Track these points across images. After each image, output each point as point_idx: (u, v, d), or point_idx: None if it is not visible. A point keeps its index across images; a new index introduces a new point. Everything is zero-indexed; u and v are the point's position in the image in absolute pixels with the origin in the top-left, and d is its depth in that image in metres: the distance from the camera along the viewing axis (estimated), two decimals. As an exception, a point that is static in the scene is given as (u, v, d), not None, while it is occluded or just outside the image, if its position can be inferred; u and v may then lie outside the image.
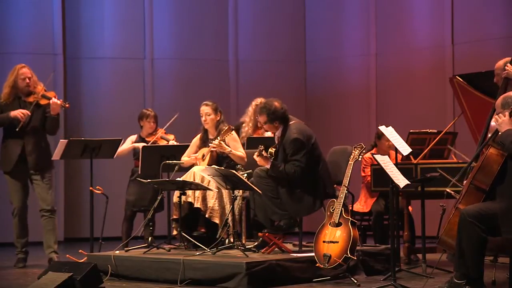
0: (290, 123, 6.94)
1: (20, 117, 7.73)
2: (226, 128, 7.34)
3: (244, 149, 7.61)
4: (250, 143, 7.95)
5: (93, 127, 11.06)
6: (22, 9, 10.76)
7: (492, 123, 5.55)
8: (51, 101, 7.78)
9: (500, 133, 5.34)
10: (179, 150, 7.93)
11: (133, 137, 8.69)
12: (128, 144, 8.62)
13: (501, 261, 6.40)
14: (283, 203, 6.82)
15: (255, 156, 6.88)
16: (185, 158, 7.63)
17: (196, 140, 7.69)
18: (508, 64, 6.77)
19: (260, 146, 6.92)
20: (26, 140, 7.81)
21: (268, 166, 6.83)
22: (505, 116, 5.32)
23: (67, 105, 7.91)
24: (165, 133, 8.69)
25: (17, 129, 7.74)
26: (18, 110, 7.76)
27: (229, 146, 7.35)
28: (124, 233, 8.44)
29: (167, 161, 7.73)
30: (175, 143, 8.45)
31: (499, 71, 6.90)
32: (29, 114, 7.76)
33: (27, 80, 7.84)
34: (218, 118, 7.57)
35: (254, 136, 8.30)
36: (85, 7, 11.24)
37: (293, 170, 6.74)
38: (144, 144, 8.41)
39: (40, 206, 7.90)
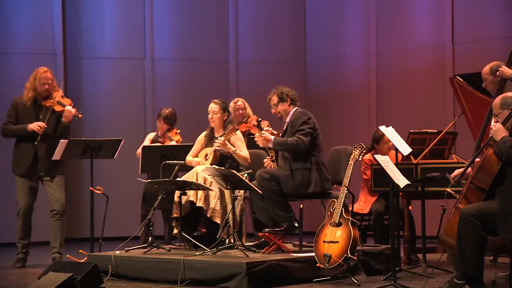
0: (300, 110, 7.06)
1: (37, 130, 7.76)
2: (231, 127, 7.32)
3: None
4: (250, 143, 7.95)
5: (93, 127, 11.05)
6: (22, 9, 10.75)
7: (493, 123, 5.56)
8: (65, 108, 7.81)
9: (495, 142, 5.36)
10: (180, 150, 7.93)
11: (152, 135, 8.73)
12: (146, 142, 8.65)
13: (501, 261, 6.41)
14: (287, 199, 6.84)
15: (256, 136, 6.95)
16: (189, 158, 7.59)
17: (201, 138, 7.65)
18: (502, 66, 6.82)
19: (257, 119, 7.00)
20: (38, 145, 7.82)
21: (270, 144, 6.90)
22: (497, 125, 5.35)
23: (80, 115, 7.90)
24: (175, 133, 8.69)
25: (35, 143, 7.79)
26: (35, 123, 7.78)
27: (233, 146, 7.33)
28: (143, 233, 8.37)
29: (167, 161, 7.74)
30: (174, 143, 8.45)
31: (486, 76, 6.96)
32: (45, 126, 7.79)
33: (46, 86, 7.87)
34: (226, 117, 7.52)
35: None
36: (86, 7, 11.23)
37: (296, 138, 6.82)
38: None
39: (51, 207, 7.91)
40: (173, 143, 8.52)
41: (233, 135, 7.31)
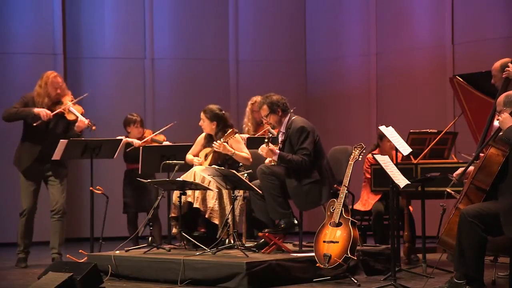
0: (294, 117, 6.96)
1: (42, 116, 7.68)
2: (230, 130, 7.29)
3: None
4: (250, 143, 7.94)
5: (93, 127, 11.04)
6: (22, 9, 10.75)
7: (495, 123, 5.54)
8: (78, 119, 7.76)
9: (502, 131, 5.33)
10: (180, 150, 7.93)
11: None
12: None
13: (501, 261, 6.41)
14: (288, 199, 6.82)
15: (261, 147, 6.83)
16: (189, 156, 7.58)
17: (200, 138, 7.63)
18: (510, 64, 6.78)
19: (266, 136, 6.89)
20: (44, 145, 7.76)
21: (275, 158, 6.82)
22: (505, 115, 5.33)
23: (93, 128, 7.86)
24: (152, 133, 8.67)
25: (34, 124, 7.67)
26: (43, 109, 7.71)
27: (232, 148, 7.30)
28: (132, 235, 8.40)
29: (167, 161, 7.74)
30: (168, 143, 8.45)
31: (496, 73, 6.93)
32: (51, 117, 7.74)
33: (59, 91, 7.83)
34: (214, 126, 7.44)
35: (256, 136, 8.29)
36: (86, 7, 11.23)
37: (301, 159, 6.75)
38: (138, 142, 8.44)
39: (51, 207, 7.90)
40: (167, 143, 8.50)
41: (232, 138, 7.27)
